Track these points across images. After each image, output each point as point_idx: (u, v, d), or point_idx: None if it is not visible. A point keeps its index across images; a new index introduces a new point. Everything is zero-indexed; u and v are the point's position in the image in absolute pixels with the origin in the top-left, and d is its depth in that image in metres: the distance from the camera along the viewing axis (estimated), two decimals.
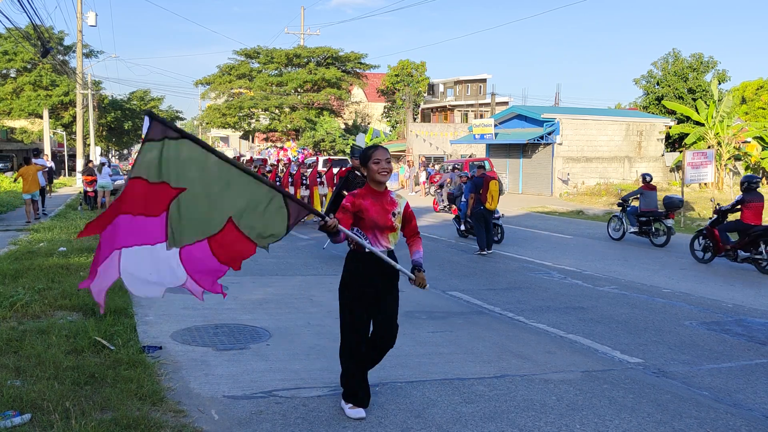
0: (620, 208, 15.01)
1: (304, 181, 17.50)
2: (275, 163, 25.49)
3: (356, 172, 10.41)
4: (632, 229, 14.32)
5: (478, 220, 12.41)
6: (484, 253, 12.22)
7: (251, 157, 33.77)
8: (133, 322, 6.36)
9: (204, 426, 4.09)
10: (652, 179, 14.37)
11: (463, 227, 14.68)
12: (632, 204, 14.72)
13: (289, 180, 17.27)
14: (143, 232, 3.72)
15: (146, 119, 3.63)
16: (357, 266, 4.23)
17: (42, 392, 4.25)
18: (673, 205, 13.89)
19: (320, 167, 26.33)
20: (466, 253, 12.40)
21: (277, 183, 16.65)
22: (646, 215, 14.03)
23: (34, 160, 18.04)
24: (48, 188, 22.66)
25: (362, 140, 12.02)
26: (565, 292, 8.89)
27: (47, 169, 21.04)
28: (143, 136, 3.65)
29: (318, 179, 17.64)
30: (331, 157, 36.12)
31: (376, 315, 4.28)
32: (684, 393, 4.99)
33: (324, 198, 17.24)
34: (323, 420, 4.26)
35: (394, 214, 4.29)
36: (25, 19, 62.88)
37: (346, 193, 9.81)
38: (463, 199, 14.39)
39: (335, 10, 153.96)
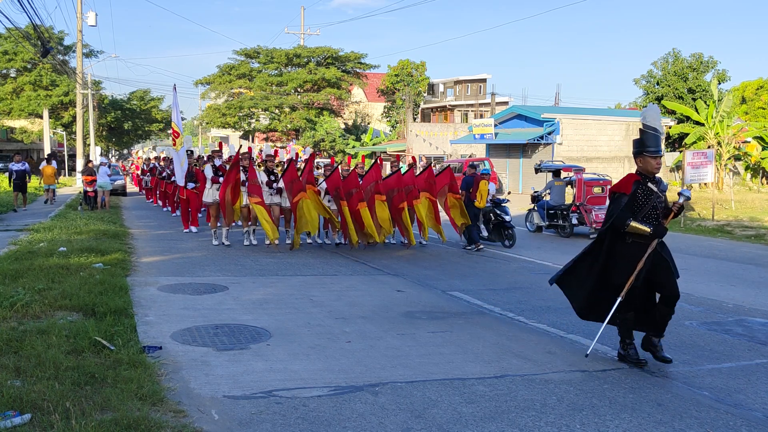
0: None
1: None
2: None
3: (649, 184, 5.56)
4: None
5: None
6: (470, 247, 12.78)
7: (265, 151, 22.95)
8: (133, 322, 6.36)
9: (204, 426, 4.08)
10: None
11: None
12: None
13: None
14: None
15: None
16: None
17: (42, 392, 4.24)
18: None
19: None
20: (466, 253, 12.40)
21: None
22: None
23: (52, 162, 23.97)
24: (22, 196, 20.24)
25: (656, 114, 5.77)
26: None
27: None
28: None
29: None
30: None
31: None
32: (684, 393, 4.98)
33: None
34: (323, 420, 4.25)
35: None
36: (25, 19, 62.79)
37: (635, 224, 5.42)
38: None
39: (335, 10, 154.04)
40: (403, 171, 12.94)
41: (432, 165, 14.93)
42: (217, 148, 13.89)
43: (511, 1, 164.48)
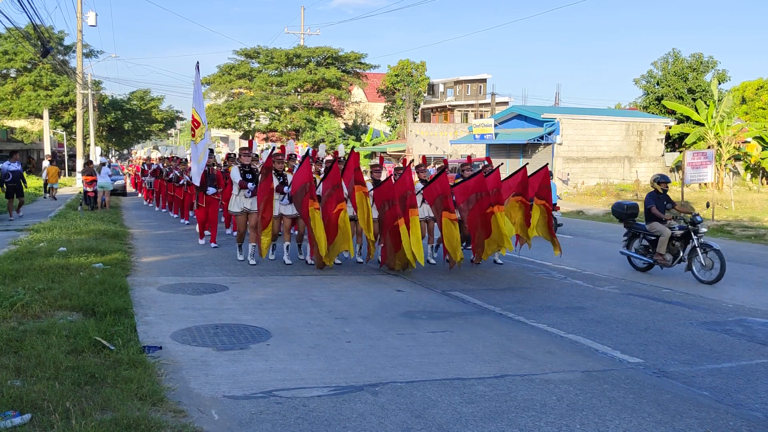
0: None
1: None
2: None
3: None
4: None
5: None
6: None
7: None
8: (133, 322, 6.36)
9: (204, 426, 4.08)
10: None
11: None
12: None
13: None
14: None
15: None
16: None
17: (42, 392, 4.24)
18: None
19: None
20: (466, 254, 12.38)
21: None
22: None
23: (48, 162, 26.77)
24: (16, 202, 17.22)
25: None
26: (566, 292, 8.88)
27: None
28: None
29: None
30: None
31: None
32: (684, 393, 4.98)
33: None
34: (323, 420, 4.25)
35: None
36: (25, 19, 62.79)
37: None
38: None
39: (335, 10, 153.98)
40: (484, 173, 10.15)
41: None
42: (246, 146, 11.37)
43: (511, 1, 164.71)
